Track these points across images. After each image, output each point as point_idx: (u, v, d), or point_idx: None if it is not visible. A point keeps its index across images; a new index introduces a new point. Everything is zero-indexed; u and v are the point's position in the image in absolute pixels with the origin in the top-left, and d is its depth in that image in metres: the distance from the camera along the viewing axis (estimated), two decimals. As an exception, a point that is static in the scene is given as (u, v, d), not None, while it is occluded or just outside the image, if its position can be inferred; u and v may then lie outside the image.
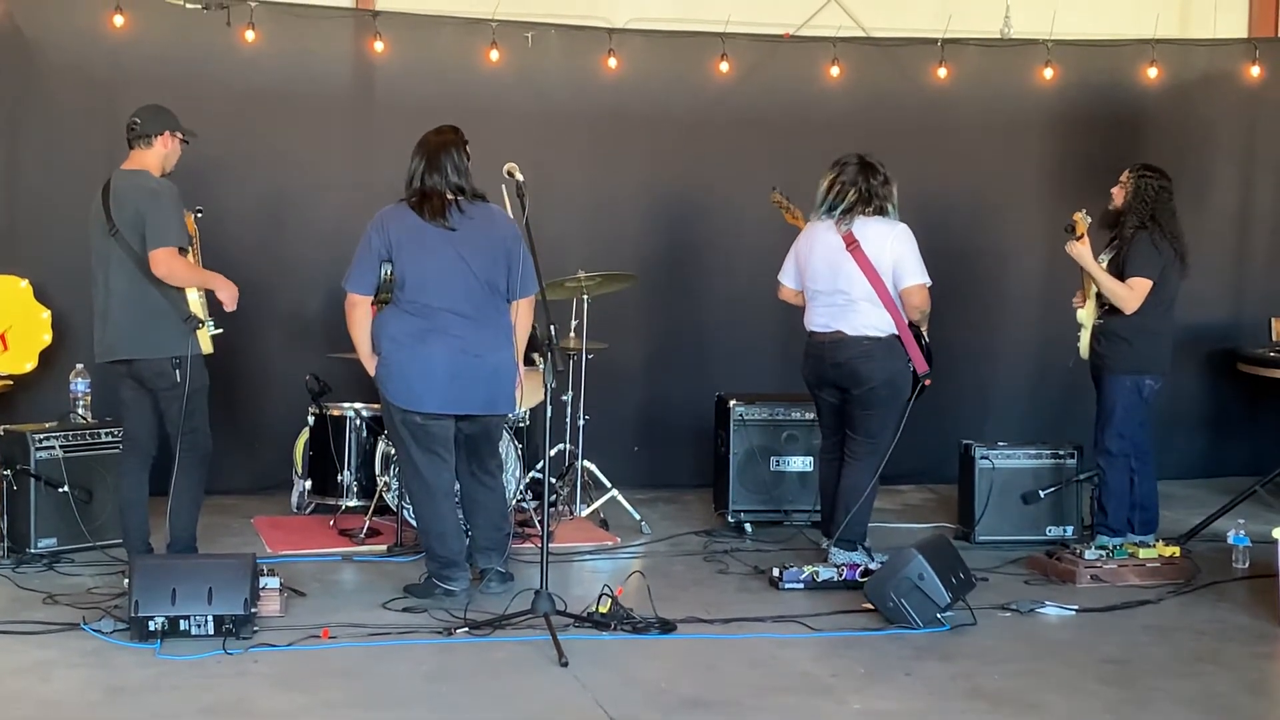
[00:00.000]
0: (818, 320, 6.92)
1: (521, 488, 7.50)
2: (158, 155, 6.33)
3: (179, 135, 6.39)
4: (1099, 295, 7.13)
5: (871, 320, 6.77)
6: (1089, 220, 7.05)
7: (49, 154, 8.30)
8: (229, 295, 6.33)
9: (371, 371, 6.22)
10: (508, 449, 7.25)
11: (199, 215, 6.46)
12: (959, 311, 9.10)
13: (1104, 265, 7.09)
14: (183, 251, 6.23)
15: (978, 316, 9.39)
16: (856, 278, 6.75)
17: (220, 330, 6.36)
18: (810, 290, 6.96)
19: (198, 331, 6.23)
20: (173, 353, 6.21)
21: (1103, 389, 7.19)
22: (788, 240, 7.34)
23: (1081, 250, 7.01)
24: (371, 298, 6.17)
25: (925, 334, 6.89)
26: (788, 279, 7.11)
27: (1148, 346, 7.12)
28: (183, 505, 6.35)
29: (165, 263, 6.12)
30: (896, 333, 6.78)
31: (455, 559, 6.20)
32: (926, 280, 6.78)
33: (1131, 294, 7.01)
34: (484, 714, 4.83)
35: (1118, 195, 7.22)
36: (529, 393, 6.91)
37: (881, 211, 6.83)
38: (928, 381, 6.85)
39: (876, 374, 6.77)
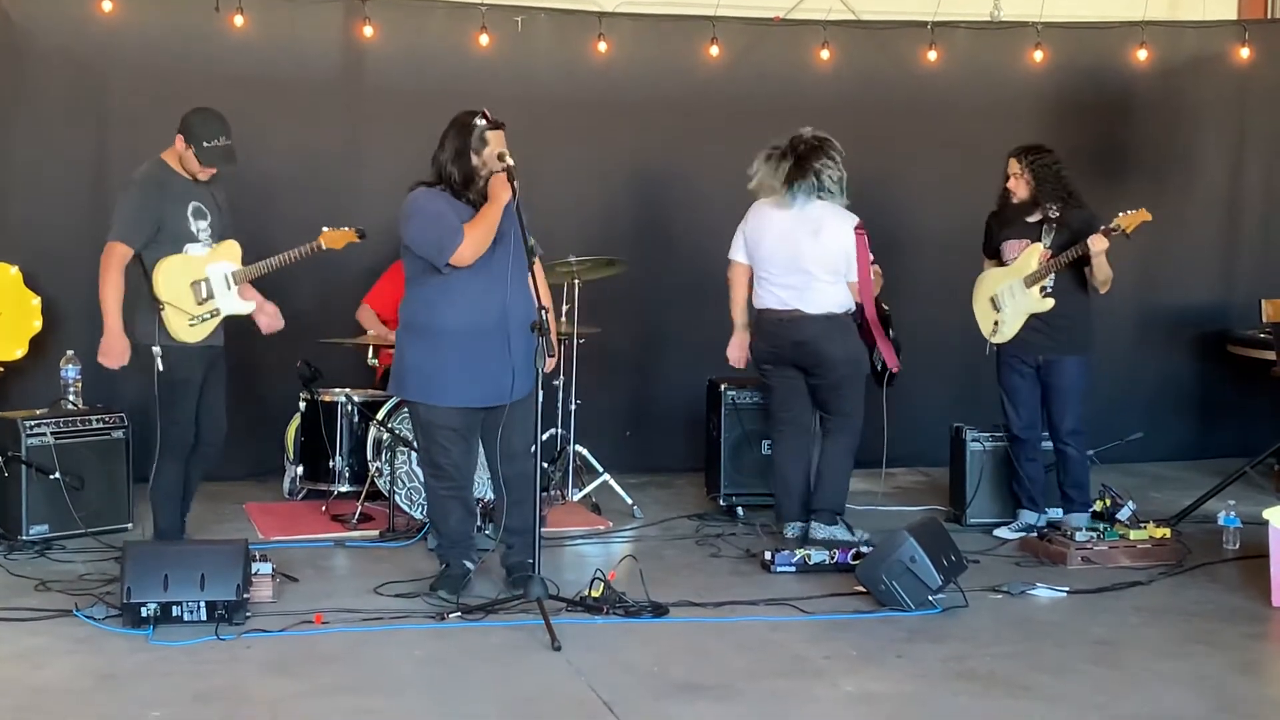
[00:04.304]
0: (772, 298, 7.01)
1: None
2: (174, 152, 6.37)
3: (190, 145, 6.31)
4: (1054, 278, 7.10)
5: (833, 298, 6.91)
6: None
7: (38, 140, 8.27)
8: (103, 350, 6.26)
9: None
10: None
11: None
12: (949, 294, 9.07)
13: (1050, 251, 7.08)
14: (181, 248, 6.31)
15: (968, 299, 9.35)
16: (819, 257, 6.85)
17: (210, 318, 6.35)
18: (764, 270, 7.04)
19: (166, 319, 6.24)
20: (149, 340, 6.26)
21: (1058, 372, 7.19)
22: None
23: (1105, 246, 6.95)
24: None
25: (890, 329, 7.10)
26: (741, 255, 7.15)
27: (1091, 326, 7.28)
28: (157, 498, 6.42)
29: (104, 255, 6.22)
30: (852, 309, 6.95)
31: None
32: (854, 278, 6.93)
33: (1110, 274, 7.06)
34: (477, 698, 4.83)
35: (1018, 187, 7.20)
36: None
37: (827, 193, 6.90)
38: (895, 369, 7.06)
39: (839, 354, 6.92)
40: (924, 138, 9.20)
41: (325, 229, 6.74)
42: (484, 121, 5.92)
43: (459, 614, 5.67)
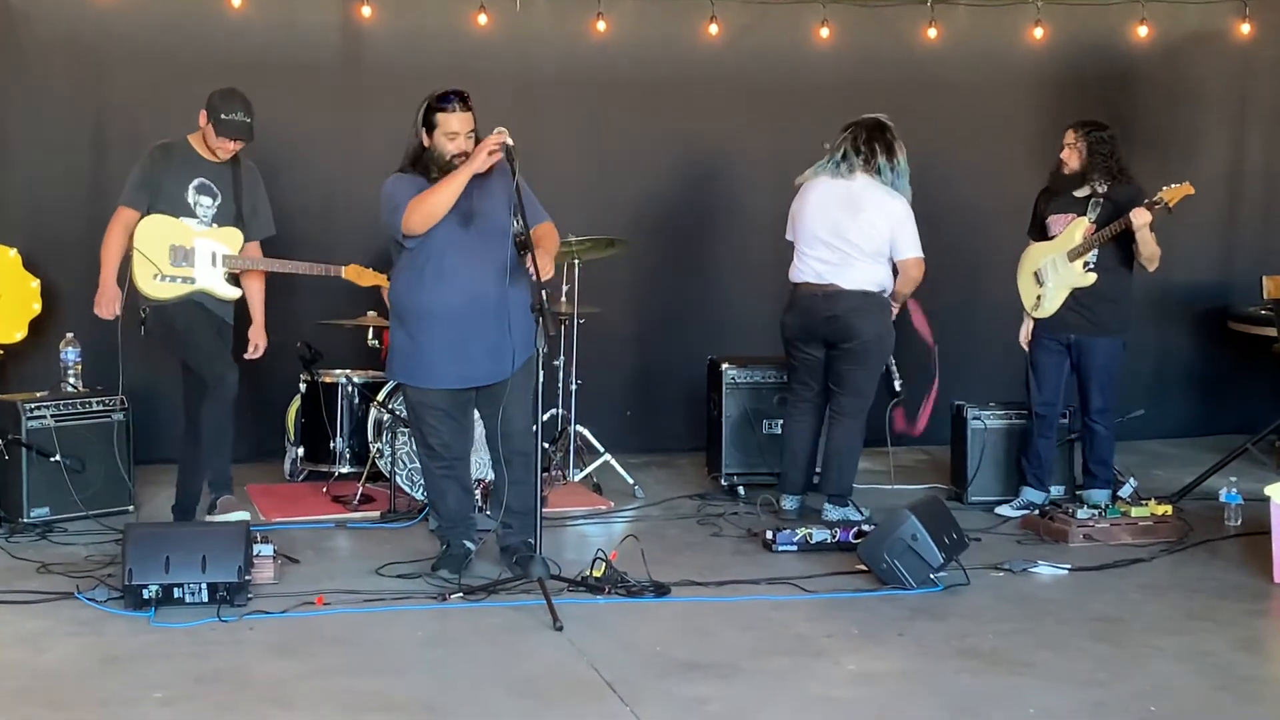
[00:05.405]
0: (809, 272, 6.99)
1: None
2: (200, 132, 6.63)
3: (210, 120, 6.55)
4: (1098, 255, 7.09)
5: (871, 276, 6.93)
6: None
7: (36, 123, 8.25)
8: (95, 300, 6.57)
9: None
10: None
11: None
12: (950, 272, 9.08)
13: (1094, 225, 7.07)
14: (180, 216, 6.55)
15: (969, 277, 9.38)
16: (861, 233, 6.85)
17: (181, 282, 6.50)
18: (804, 243, 7.05)
19: (133, 267, 6.50)
20: (137, 301, 6.58)
21: (1090, 351, 7.18)
22: (779, 203, 7.33)
23: (1147, 219, 6.91)
24: None
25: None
26: (790, 234, 7.21)
27: (1130, 305, 7.25)
28: (209, 444, 6.67)
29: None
30: (889, 290, 6.98)
31: None
32: (921, 253, 6.99)
33: (1157, 250, 7.05)
34: (479, 679, 4.83)
35: (1071, 157, 7.18)
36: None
37: (878, 171, 6.90)
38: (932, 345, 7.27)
39: (869, 329, 6.92)
40: (924, 116, 9.13)
41: (354, 264, 7.01)
42: (432, 100, 5.95)
43: (460, 594, 5.67)
